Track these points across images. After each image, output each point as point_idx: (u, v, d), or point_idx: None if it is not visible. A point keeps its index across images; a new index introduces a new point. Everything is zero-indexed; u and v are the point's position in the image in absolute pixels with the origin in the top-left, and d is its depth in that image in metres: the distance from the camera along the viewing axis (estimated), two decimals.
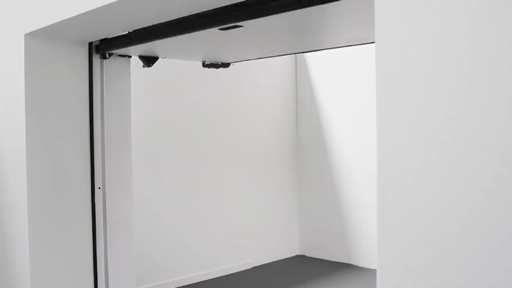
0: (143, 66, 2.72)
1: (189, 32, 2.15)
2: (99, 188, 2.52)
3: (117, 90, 2.63)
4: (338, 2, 1.64)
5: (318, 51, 3.67)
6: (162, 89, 4.68)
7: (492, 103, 0.96)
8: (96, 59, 2.54)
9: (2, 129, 2.48)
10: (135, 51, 2.67)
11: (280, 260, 6.17)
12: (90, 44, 2.52)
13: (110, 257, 2.56)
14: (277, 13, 1.81)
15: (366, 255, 5.75)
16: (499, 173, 0.96)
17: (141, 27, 2.27)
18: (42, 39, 2.32)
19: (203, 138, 5.34)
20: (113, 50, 2.54)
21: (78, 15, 1.96)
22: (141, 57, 2.82)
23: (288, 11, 1.79)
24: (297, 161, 6.43)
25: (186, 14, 1.98)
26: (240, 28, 2.16)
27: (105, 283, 2.54)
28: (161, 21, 2.13)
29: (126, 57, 2.68)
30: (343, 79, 5.80)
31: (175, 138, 5.10)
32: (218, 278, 5.43)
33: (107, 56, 2.56)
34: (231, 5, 1.88)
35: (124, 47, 2.49)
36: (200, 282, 5.27)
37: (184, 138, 5.18)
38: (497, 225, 0.96)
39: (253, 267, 5.84)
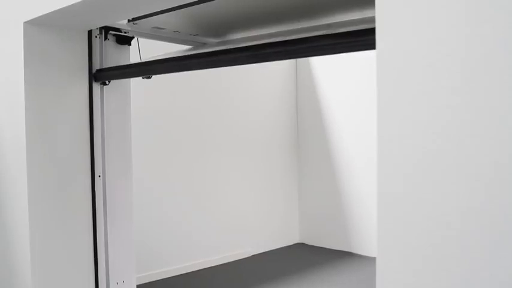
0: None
1: (188, 70, 2.17)
2: (99, 176, 2.52)
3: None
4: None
5: None
6: (164, 78, 4.67)
7: (493, 93, 0.96)
8: (96, 46, 2.53)
9: (2, 117, 2.48)
10: None
11: (280, 248, 6.20)
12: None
13: (111, 245, 2.57)
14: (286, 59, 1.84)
15: (365, 243, 5.78)
16: (500, 162, 0.96)
17: (142, 14, 2.26)
18: (41, 27, 2.31)
19: (203, 127, 5.34)
20: (111, 79, 2.54)
21: (78, 2, 1.95)
22: None
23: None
24: (297, 150, 6.44)
25: (183, 3, 1.97)
26: None
27: (106, 270, 2.55)
28: (162, 9, 2.12)
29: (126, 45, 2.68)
30: (343, 66, 5.78)
31: (175, 127, 5.09)
32: (218, 265, 5.45)
33: (107, 83, 2.55)
34: (233, 49, 1.89)
35: (122, 78, 2.51)
36: (200, 269, 5.29)
37: (185, 128, 5.17)
38: (498, 213, 0.97)
39: (253, 255, 5.87)
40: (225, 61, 2.02)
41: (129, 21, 2.52)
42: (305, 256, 5.91)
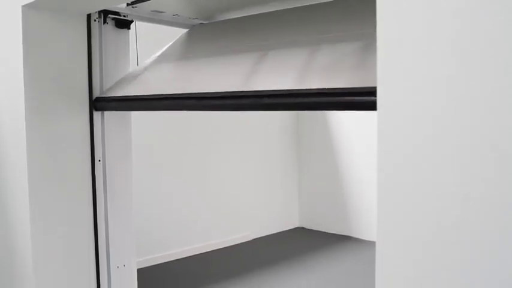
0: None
1: (191, 110, 2.19)
2: (99, 160, 2.52)
3: (116, 58, 2.62)
4: None
5: None
6: None
7: (495, 77, 0.96)
8: (95, 30, 2.52)
9: (1, 102, 2.47)
10: None
11: (279, 232, 6.23)
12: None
13: (111, 229, 2.58)
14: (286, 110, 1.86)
15: (365, 227, 5.80)
16: (500, 148, 0.96)
17: None
18: (40, 11, 2.30)
19: (203, 113, 5.33)
20: (111, 111, 2.53)
21: None
22: None
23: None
24: (297, 134, 6.43)
25: None
26: None
27: (106, 254, 2.57)
28: None
29: (125, 30, 2.66)
30: None
31: (176, 113, 5.08)
32: (218, 249, 5.48)
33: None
34: (235, 96, 1.91)
35: (120, 110, 2.51)
36: (200, 253, 5.33)
37: (186, 112, 5.16)
38: (498, 199, 0.96)
39: (253, 239, 5.90)
40: (226, 106, 2.04)
41: (128, 4, 2.50)
42: (305, 240, 5.94)
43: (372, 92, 1.23)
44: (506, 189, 0.95)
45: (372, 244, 5.39)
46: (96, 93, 2.52)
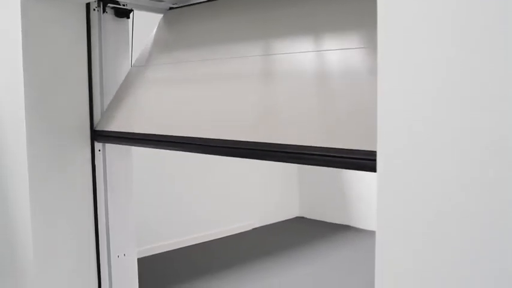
0: None
1: (196, 153, 2.20)
2: (99, 150, 2.52)
3: (116, 47, 2.61)
4: None
5: None
6: None
7: (496, 59, 0.95)
8: (94, 20, 2.50)
9: (0, 95, 2.47)
10: None
11: (280, 222, 6.24)
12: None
13: (111, 218, 2.58)
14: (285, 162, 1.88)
15: (364, 216, 5.81)
16: (502, 134, 0.95)
17: None
18: (39, 0, 2.28)
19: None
20: (110, 143, 2.53)
21: None
22: None
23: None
24: None
25: None
26: None
27: (107, 243, 2.57)
28: None
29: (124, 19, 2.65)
30: None
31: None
32: (218, 239, 5.50)
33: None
34: (239, 146, 1.93)
35: (119, 143, 2.51)
36: (201, 243, 5.34)
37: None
38: (499, 190, 0.96)
39: (254, 229, 5.91)
40: (225, 152, 2.07)
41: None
42: (305, 230, 5.96)
43: (372, 153, 1.22)
44: (506, 179, 0.95)
45: (371, 233, 5.40)
46: (96, 85, 2.51)
